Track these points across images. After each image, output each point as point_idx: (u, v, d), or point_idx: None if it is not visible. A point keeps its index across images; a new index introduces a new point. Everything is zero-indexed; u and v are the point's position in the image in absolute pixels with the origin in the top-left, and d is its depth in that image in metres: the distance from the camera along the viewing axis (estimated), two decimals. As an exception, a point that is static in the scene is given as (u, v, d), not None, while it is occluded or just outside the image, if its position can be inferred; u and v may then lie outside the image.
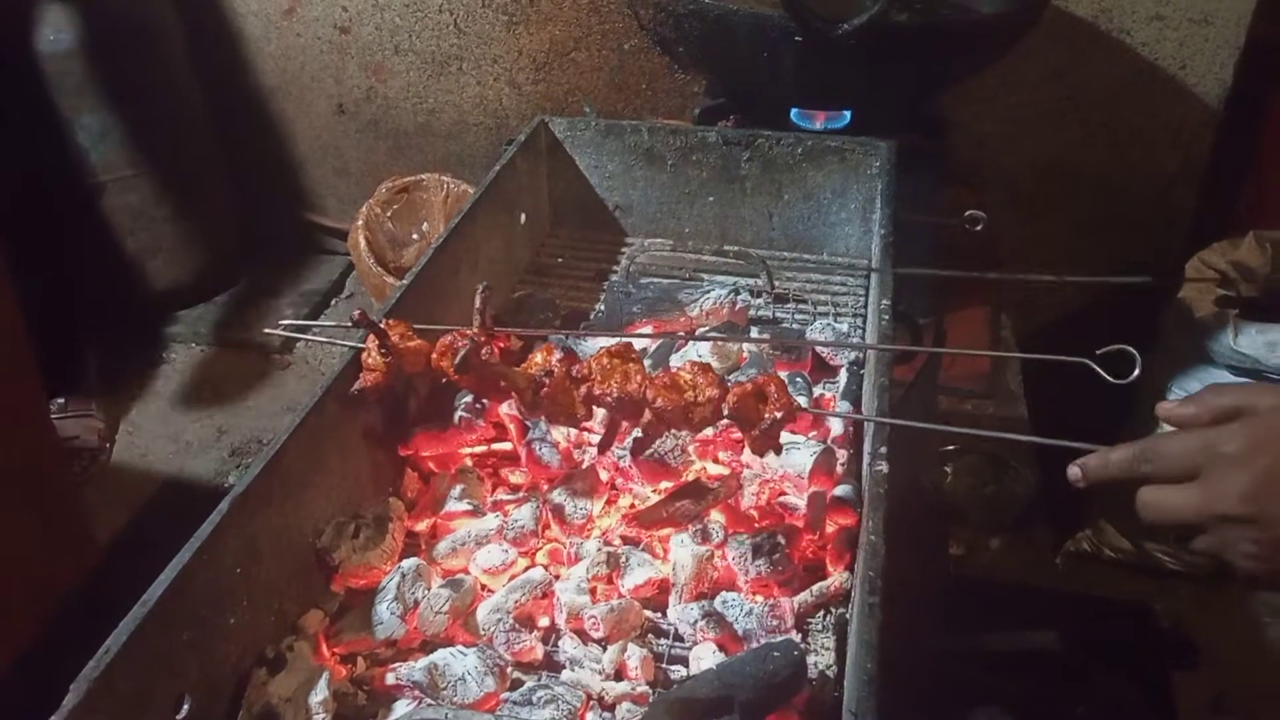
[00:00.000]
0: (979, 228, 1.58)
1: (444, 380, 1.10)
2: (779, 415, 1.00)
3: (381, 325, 1.06)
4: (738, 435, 1.17)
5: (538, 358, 1.05)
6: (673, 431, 1.13)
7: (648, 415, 1.01)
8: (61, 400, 2.36)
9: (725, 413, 1.01)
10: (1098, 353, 1.12)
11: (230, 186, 2.78)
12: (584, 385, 1.03)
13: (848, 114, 2.12)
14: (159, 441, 2.46)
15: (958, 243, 2.11)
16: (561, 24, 2.58)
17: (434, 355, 1.07)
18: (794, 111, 2.12)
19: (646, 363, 1.26)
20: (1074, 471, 0.87)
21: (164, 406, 2.57)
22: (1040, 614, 1.68)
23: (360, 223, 2.57)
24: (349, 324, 1.02)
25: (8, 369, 1.75)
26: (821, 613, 1.03)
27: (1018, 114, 2.43)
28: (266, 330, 1.14)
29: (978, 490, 1.86)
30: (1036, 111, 2.42)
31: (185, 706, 0.84)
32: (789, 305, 1.45)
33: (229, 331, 2.70)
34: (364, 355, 1.07)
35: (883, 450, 0.96)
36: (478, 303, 1.06)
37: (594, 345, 1.28)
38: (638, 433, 1.07)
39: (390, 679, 0.93)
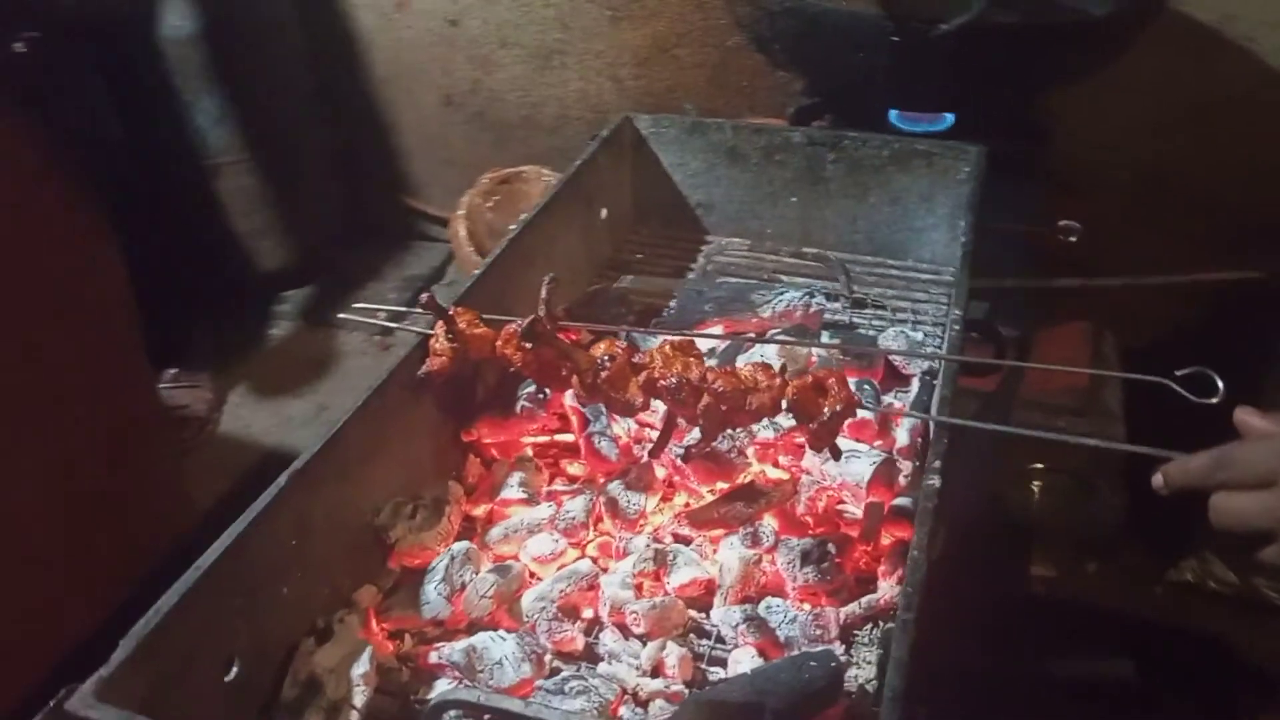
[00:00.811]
0: (1073, 239, 1.54)
1: (510, 369, 1.11)
2: (838, 409, 0.99)
3: (450, 312, 1.08)
4: (799, 440, 1.16)
5: (601, 346, 1.06)
6: (730, 433, 1.13)
7: (705, 400, 1.00)
8: (174, 371, 2.47)
9: (784, 405, 1.00)
10: (1177, 374, 1.07)
11: (338, 173, 2.87)
12: (643, 372, 1.04)
13: (950, 117, 2.07)
14: (262, 414, 2.56)
15: (1058, 254, 2.05)
16: (665, 20, 2.58)
17: (499, 342, 1.09)
18: (893, 113, 2.09)
19: (712, 361, 1.26)
20: (1157, 479, 0.87)
21: (269, 381, 2.66)
22: (1121, 641, 1.62)
23: (461, 212, 2.62)
24: (418, 309, 1.04)
25: (117, 341, 1.83)
26: (869, 626, 1.02)
27: (1132, 121, 2.33)
28: (341, 315, 1.17)
29: (1063, 511, 1.80)
30: (1152, 119, 2.32)
31: (234, 669, 0.88)
32: (867, 311, 1.43)
33: (333, 312, 2.79)
34: (432, 340, 1.09)
35: (937, 464, 0.94)
36: (543, 293, 1.07)
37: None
38: (696, 435, 1.07)
39: (433, 658, 0.95)
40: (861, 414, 1.14)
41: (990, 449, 1.69)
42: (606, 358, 1.04)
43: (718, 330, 1.32)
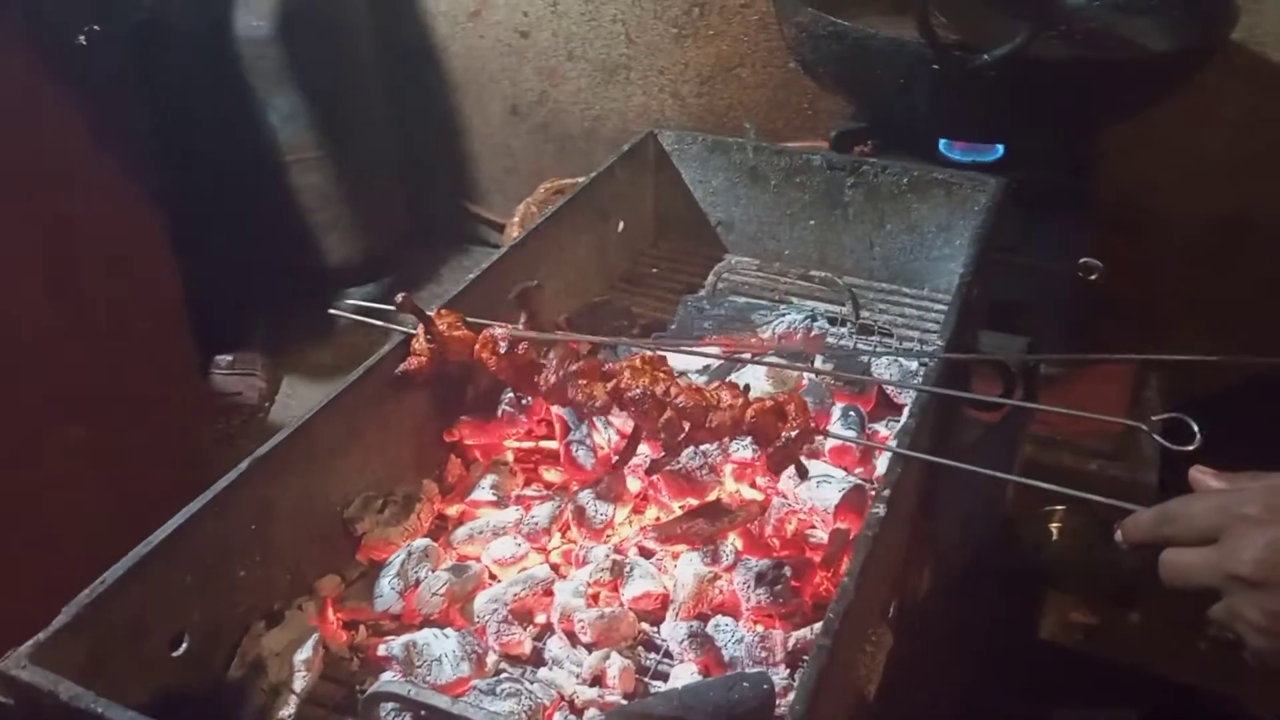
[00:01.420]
0: (1094, 277, 1.50)
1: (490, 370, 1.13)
2: (794, 434, 0.98)
3: (432, 313, 1.11)
4: (773, 461, 1.16)
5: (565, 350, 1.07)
6: (703, 450, 1.13)
7: (668, 413, 1.00)
8: (229, 358, 2.56)
9: (745, 427, 1.00)
10: (1154, 418, 1.05)
11: (405, 175, 2.94)
12: (612, 380, 1.05)
13: (1000, 149, 2.04)
14: (312, 404, 2.63)
15: (1105, 294, 1.99)
16: (729, 39, 2.59)
17: (476, 346, 1.11)
18: (942, 142, 2.06)
19: (701, 379, 1.27)
20: (1118, 533, 0.87)
21: (322, 373, 2.74)
22: (1127, 693, 1.57)
23: (516, 219, 2.66)
24: (393, 307, 1.07)
25: (167, 333, 1.90)
26: (819, 651, 1.00)
27: (1198, 160, 2.26)
28: (331, 310, 1.21)
29: (1082, 554, 1.75)
30: (1221, 159, 2.24)
31: (184, 644, 0.91)
32: (873, 338, 1.41)
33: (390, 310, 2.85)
34: (413, 340, 1.12)
35: (886, 494, 0.93)
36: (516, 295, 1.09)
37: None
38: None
39: (381, 650, 0.97)
40: (830, 442, 1.13)
41: (996, 486, 1.65)
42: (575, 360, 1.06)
43: (713, 350, 1.32)
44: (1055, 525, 1.75)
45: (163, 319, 1.91)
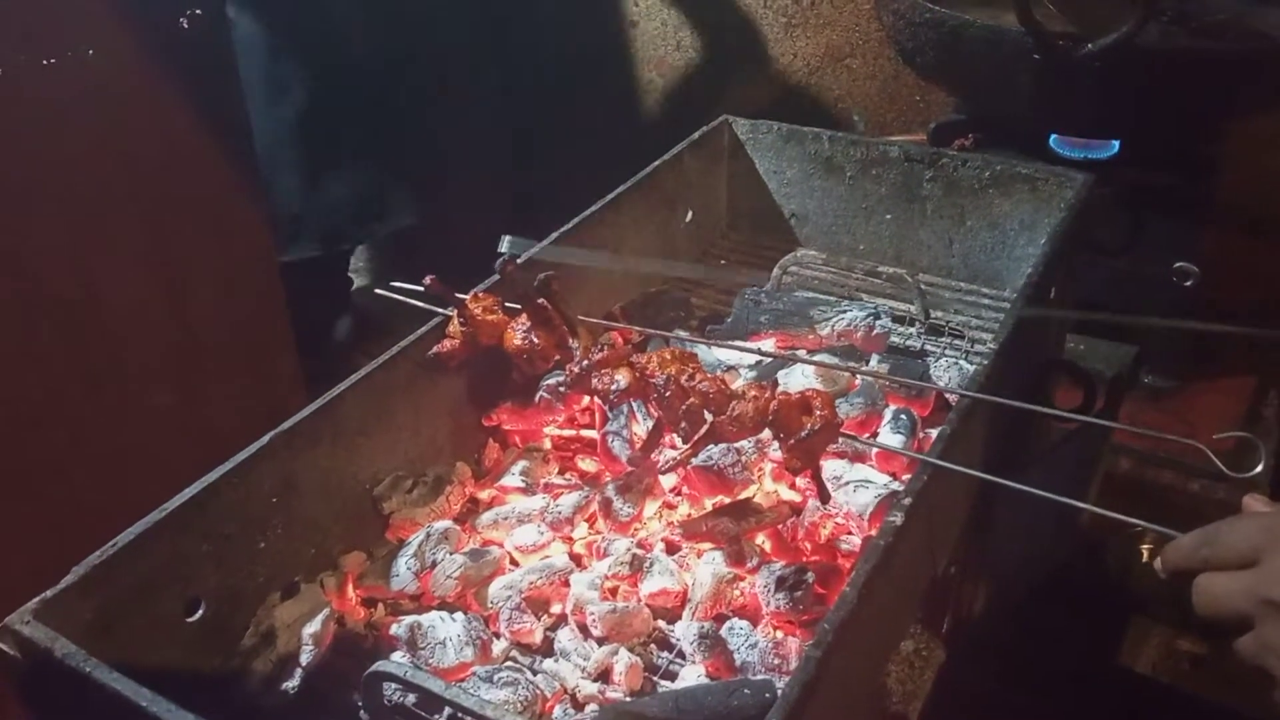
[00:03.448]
0: (1189, 283, 1.40)
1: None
2: (817, 428, 0.94)
3: (467, 297, 1.11)
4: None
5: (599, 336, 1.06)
6: (735, 446, 1.10)
7: (690, 400, 0.97)
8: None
9: (768, 418, 0.96)
10: (1215, 437, 0.97)
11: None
12: (639, 370, 1.02)
13: (1115, 144, 1.93)
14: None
15: (1221, 300, 1.86)
16: (839, 29, 2.53)
17: (508, 332, 1.10)
18: (1053, 138, 1.96)
19: (752, 374, 1.23)
20: (1157, 562, 0.82)
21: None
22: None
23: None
24: (421, 288, 1.07)
25: (264, 306, 1.96)
26: (839, 662, 0.96)
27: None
28: (378, 290, 1.22)
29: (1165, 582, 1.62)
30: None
31: (200, 611, 0.93)
32: (943, 339, 1.35)
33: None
34: (449, 323, 1.12)
35: (905, 501, 0.88)
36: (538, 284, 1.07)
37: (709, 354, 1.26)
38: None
39: (393, 629, 0.98)
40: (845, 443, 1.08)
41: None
42: (604, 345, 1.04)
43: (769, 345, 1.28)
44: (1146, 547, 1.64)
45: (260, 294, 1.96)
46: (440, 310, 1.14)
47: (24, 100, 1.48)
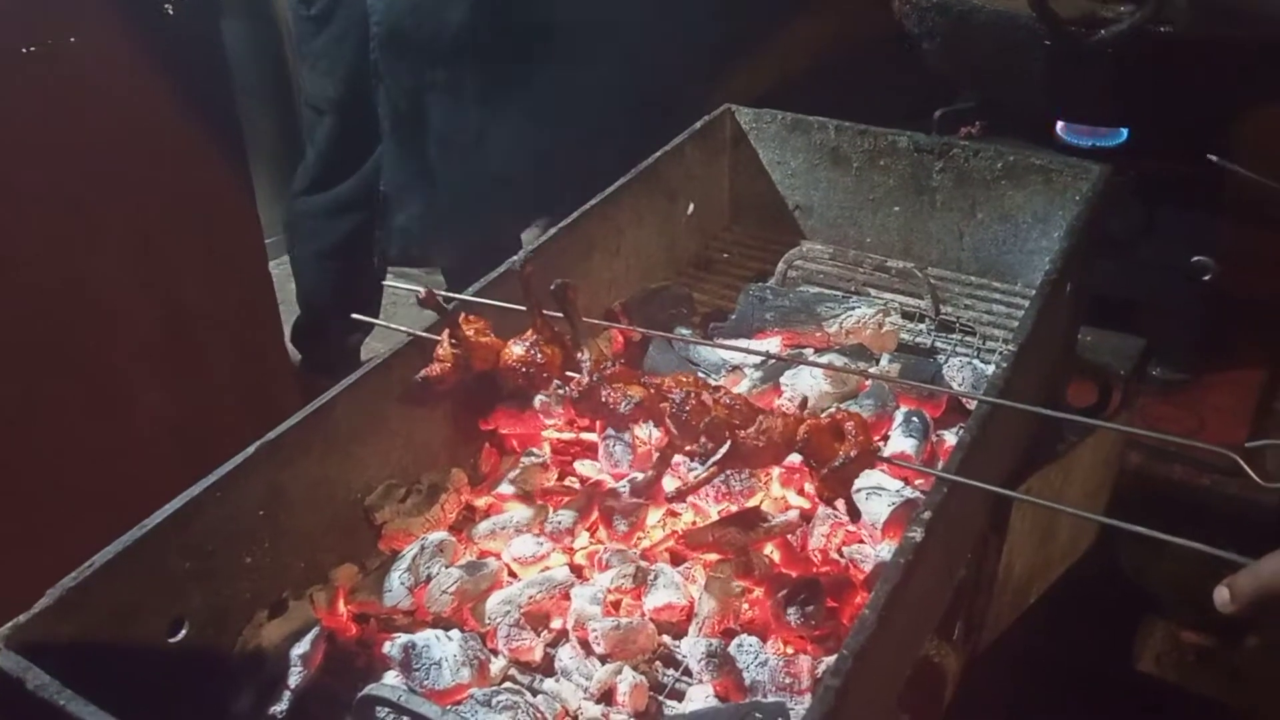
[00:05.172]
0: (1206, 277, 1.36)
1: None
2: (853, 455, 0.89)
3: (461, 317, 1.05)
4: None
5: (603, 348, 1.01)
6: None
7: (713, 415, 0.92)
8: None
9: (796, 444, 0.91)
10: (1247, 445, 0.92)
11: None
12: (654, 388, 0.98)
13: (1124, 132, 1.89)
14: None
15: (1237, 293, 1.82)
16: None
17: (502, 355, 1.05)
18: (1060, 125, 1.92)
19: (757, 375, 1.19)
20: (1221, 594, 0.77)
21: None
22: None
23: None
24: (417, 300, 1.02)
25: (255, 298, 1.92)
26: (852, 680, 0.92)
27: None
28: (385, 283, 1.16)
29: (1194, 581, 1.59)
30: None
31: (183, 631, 0.89)
32: (954, 336, 1.30)
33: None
34: (437, 347, 1.06)
35: (925, 515, 0.84)
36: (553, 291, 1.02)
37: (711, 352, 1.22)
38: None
39: (385, 648, 0.93)
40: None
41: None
42: (614, 362, 0.99)
43: (774, 343, 1.24)
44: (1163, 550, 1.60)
45: (251, 284, 1.91)
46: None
47: (3, 88, 1.43)
